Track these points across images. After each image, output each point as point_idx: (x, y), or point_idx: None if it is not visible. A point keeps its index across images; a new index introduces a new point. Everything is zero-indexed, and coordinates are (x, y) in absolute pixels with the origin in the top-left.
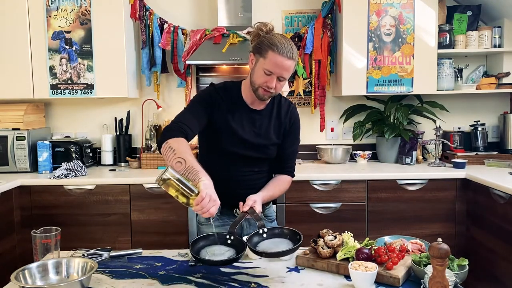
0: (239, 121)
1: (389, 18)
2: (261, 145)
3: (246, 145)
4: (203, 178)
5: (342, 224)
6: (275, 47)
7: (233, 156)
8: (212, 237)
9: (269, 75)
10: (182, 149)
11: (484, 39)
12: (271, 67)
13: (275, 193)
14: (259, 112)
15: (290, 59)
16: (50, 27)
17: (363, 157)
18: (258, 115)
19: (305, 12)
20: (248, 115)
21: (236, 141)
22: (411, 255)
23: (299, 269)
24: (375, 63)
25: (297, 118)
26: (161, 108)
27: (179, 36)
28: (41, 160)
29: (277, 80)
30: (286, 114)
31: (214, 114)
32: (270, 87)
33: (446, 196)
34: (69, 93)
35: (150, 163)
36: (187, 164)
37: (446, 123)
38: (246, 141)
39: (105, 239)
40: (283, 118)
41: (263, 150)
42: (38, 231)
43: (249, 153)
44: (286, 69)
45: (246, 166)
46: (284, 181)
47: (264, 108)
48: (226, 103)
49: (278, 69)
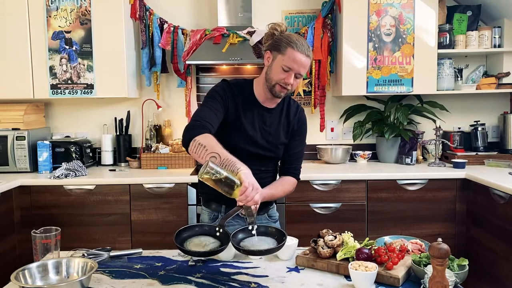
0: (250, 119)
1: (389, 18)
2: (271, 143)
3: (255, 143)
4: (242, 168)
5: (342, 224)
6: (294, 44)
7: (241, 153)
8: (201, 228)
9: (287, 71)
10: (212, 143)
11: (484, 39)
12: (290, 63)
13: (277, 193)
14: (270, 110)
15: (308, 56)
16: (50, 27)
17: (363, 157)
18: (269, 114)
19: (305, 12)
20: (260, 113)
21: (246, 139)
22: (411, 255)
23: (299, 269)
24: (375, 63)
25: (305, 121)
26: (161, 108)
27: (179, 36)
28: (41, 160)
29: (294, 77)
30: (295, 115)
31: (229, 109)
32: (288, 83)
33: (446, 196)
34: (69, 93)
35: (150, 163)
36: (222, 157)
37: (446, 123)
38: (256, 139)
39: (105, 239)
40: (292, 118)
41: (271, 149)
42: (38, 231)
43: (258, 151)
44: (304, 65)
45: (254, 164)
46: (289, 182)
47: (275, 107)
48: (239, 98)
49: (296, 65)
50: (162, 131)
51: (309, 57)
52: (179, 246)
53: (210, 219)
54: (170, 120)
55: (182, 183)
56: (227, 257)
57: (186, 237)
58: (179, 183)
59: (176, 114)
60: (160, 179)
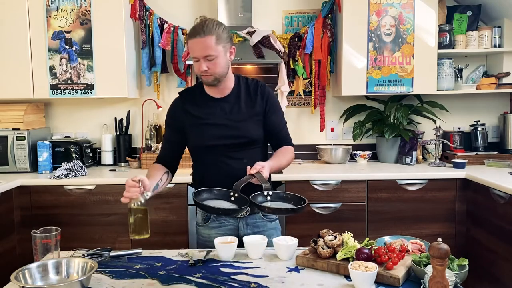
0: (210, 114)
1: (389, 18)
2: (237, 125)
3: (223, 132)
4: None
5: (342, 224)
6: (188, 35)
7: (216, 149)
8: (216, 192)
9: (197, 61)
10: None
11: (484, 39)
12: (192, 53)
13: (283, 162)
14: (225, 98)
15: (202, 35)
16: (50, 27)
17: (363, 157)
18: (226, 102)
19: (305, 12)
20: (216, 104)
21: (212, 133)
22: (411, 255)
23: (299, 269)
24: (375, 63)
25: (270, 92)
26: (161, 108)
27: (179, 36)
28: (41, 160)
29: (206, 61)
30: (255, 93)
31: (184, 120)
32: (201, 70)
33: (446, 196)
34: (69, 93)
35: (150, 163)
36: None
37: (446, 123)
38: (221, 127)
39: (105, 239)
40: (253, 94)
41: (242, 130)
42: (38, 231)
43: (229, 140)
44: (202, 46)
45: (233, 157)
46: (288, 150)
47: (230, 93)
48: (192, 103)
49: (196, 51)
50: (162, 131)
51: (204, 35)
52: (200, 203)
53: (203, 219)
54: None
55: (182, 183)
56: (227, 257)
57: (204, 198)
58: (179, 183)
59: None
60: None
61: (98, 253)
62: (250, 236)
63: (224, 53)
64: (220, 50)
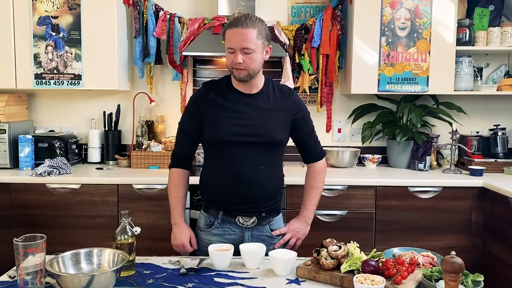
0: (235, 107)
1: (404, 10)
2: (262, 123)
3: (245, 130)
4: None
5: (348, 233)
6: (228, 25)
7: (233, 147)
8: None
9: (232, 52)
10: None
11: (507, 36)
12: (228, 43)
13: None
14: (254, 96)
15: (244, 27)
16: (35, 11)
17: (372, 161)
18: (254, 99)
19: (313, 2)
20: (243, 99)
21: (233, 128)
22: (422, 269)
23: (300, 281)
24: (387, 59)
25: (301, 101)
26: (154, 103)
27: (175, 25)
28: (22, 155)
29: (242, 54)
30: (286, 96)
31: (205, 113)
32: (236, 62)
33: (462, 205)
34: (54, 84)
35: (140, 161)
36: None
37: (463, 126)
38: (244, 124)
39: (90, 243)
40: (283, 97)
41: (265, 129)
42: (20, 239)
43: (249, 138)
44: (243, 38)
45: (249, 160)
46: (317, 171)
47: (260, 91)
48: (215, 96)
49: (234, 41)
50: (155, 127)
51: (246, 27)
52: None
53: (205, 224)
54: (164, 115)
55: None
56: (222, 266)
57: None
58: None
59: (170, 109)
60: (151, 180)
61: None
62: (247, 244)
63: (261, 49)
64: (259, 45)
